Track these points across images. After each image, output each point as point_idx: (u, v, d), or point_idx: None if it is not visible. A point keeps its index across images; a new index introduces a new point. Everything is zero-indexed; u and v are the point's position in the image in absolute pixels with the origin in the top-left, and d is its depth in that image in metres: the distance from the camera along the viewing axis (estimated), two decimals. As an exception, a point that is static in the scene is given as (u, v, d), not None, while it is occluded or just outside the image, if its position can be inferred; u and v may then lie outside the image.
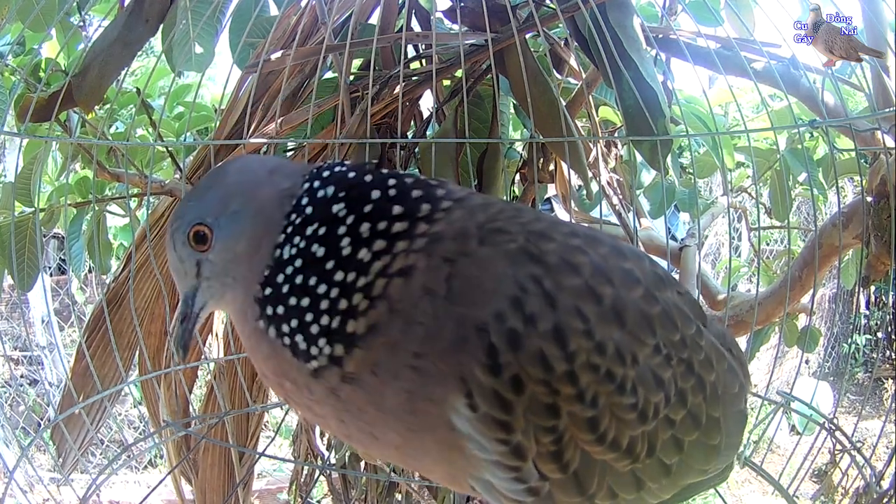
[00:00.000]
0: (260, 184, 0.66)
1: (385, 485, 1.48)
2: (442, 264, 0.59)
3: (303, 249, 0.62)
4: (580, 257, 0.62)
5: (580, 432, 0.60)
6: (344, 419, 0.64)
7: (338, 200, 0.62)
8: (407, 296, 0.59)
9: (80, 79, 1.18)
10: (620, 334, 0.61)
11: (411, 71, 1.36)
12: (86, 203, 1.63)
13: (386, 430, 0.62)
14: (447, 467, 0.64)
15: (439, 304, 0.58)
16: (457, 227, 0.62)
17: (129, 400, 3.62)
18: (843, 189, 3.02)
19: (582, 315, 0.59)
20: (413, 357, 0.58)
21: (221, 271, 0.66)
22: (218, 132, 1.40)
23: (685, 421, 0.66)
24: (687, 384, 0.66)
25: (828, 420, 1.09)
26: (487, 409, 0.58)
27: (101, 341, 1.44)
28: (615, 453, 0.62)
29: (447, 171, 1.30)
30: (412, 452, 0.65)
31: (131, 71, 1.75)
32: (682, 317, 0.67)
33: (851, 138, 1.23)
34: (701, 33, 1.31)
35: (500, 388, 0.57)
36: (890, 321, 5.03)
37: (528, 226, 0.63)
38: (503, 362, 0.57)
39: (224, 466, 1.51)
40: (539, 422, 0.59)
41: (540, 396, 0.58)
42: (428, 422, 0.60)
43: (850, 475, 1.13)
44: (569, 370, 0.58)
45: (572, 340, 0.58)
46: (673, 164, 1.87)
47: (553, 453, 0.60)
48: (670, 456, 0.67)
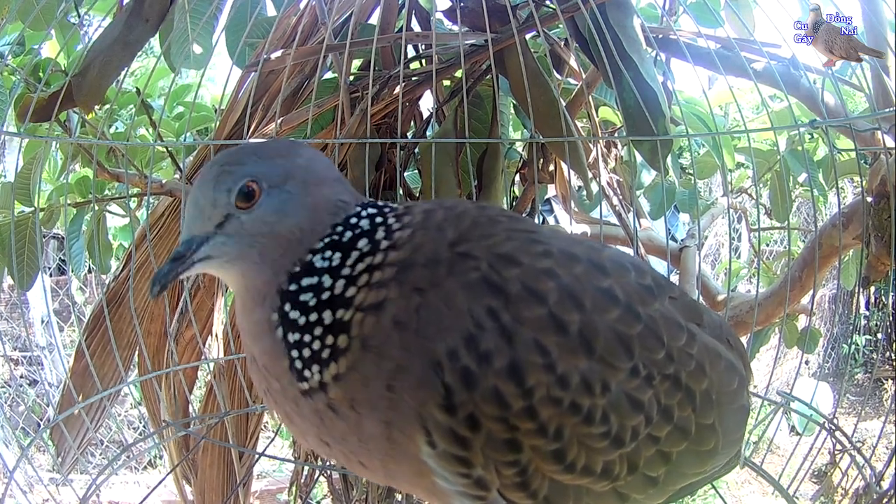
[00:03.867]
0: (325, 182, 0.65)
1: (385, 486, 1.48)
2: (412, 295, 0.59)
3: (327, 269, 0.61)
4: (546, 283, 0.60)
5: (545, 464, 0.59)
6: (328, 442, 0.64)
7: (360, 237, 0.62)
8: (378, 331, 0.59)
9: (80, 79, 1.18)
10: (588, 363, 0.59)
11: (411, 71, 1.36)
12: (86, 203, 1.63)
13: (370, 456, 0.62)
14: (423, 491, 0.65)
15: (409, 337, 0.58)
16: (427, 250, 0.61)
17: (129, 400, 3.62)
18: (843, 189, 3.02)
19: (541, 348, 0.58)
20: (386, 389, 0.58)
21: (248, 238, 0.62)
22: (218, 132, 1.40)
23: (671, 435, 0.65)
24: (672, 400, 0.64)
25: (828, 420, 1.09)
26: (445, 447, 0.58)
27: (101, 341, 1.44)
28: (590, 478, 0.62)
29: (447, 171, 1.30)
30: (393, 475, 0.65)
31: (131, 71, 1.75)
32: (671, 328, 0.65)
33: (851, 138, 1.23)
34: (701, 34, 1.31)
35: (456, 427, 0.57)
36: (890, 322, 5.03)
37: (495, 248, 0.62)
38: (457, 402, 0.56)
39: (223, 466, 1.51)
40: (499, 457, 0.58)
41: (497, 433, 0.57)
42: (402, 450, 0.60)
43: (850, 475, 1.13)
44: (527, 406, 0.57)
45: (530, 376, 0.57)
46: (673, 164, 1.87)
47: (518, 483, 0.60)
48: (656, 469, 0.66)
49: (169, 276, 0.62)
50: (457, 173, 1.32)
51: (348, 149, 1.29)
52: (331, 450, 0.65)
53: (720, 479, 0.82)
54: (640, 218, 1.86)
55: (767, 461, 1.16)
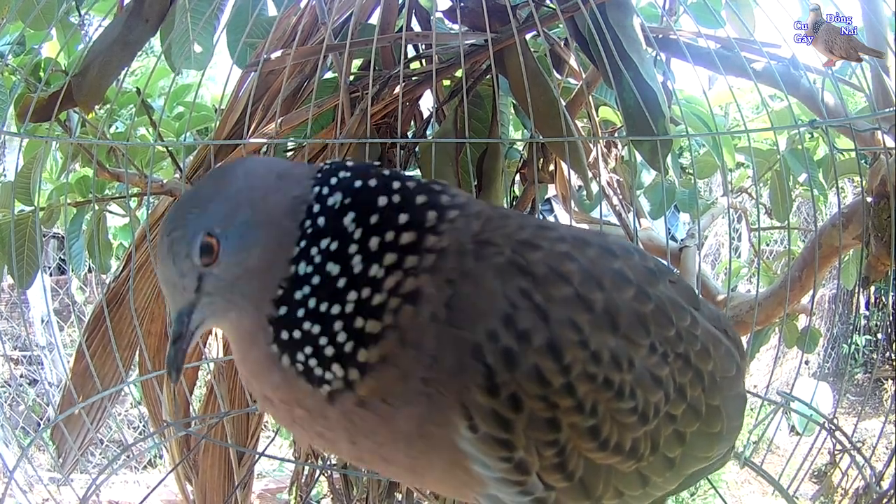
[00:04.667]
0: (269, 190, 0.61)
1: (385, 485, 1.48)
2: (445, 287, 0.58)
3: (319, 266, 0.58)
4: (568, 265, 0.61)
5: (582, 442, 0.60)
6: (356, 441, 0.62)
7: (346, 209, 0.59)
8: (416, 325, 0.58)
9: (80, 79, 1.18)
10: (615, 340, 0.60)
11: (411, 71, 1.36)
12: (86, 202, 1.63)
13: (396, 451, 0.61)
14: (454, 484, 0.64)
15: (443, 330, 0.58)
16: (457, 240, 0.60)
17: (129, 400, 3.62)
18: (842, 189, 3.02)
19: (575, 325, 0.58)
20: (422, 383, 0.58)
21: (227, 287, 0.60)
22: (218, 132, 1.40)
23: (686, 414, 0.67)
24: (685, 378, 0.66)
25: (828, 420, 1.09)
26: (488, 430, 0.57)
27: (101, 341, 1.44)
28: (619, 456, 0.62)
29: (447, 171, 1.30)
30: (420, 471, 0.64)
31: (131, 71, 1.75)
32: (677, 309, 0.67)
33: (851, 138, 1.23)
34: (701, 33, 1.31)
35: (499, 408, 0.57)
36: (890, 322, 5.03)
37: (514, 235, 0.62)
38: (500, 382, 0.56)
39: (224, 466, 1.51)
40: (540, 437, 0.58)
41: (539, 412, 0.58)
42: (435, 443, 0.60)
43: (850, 475, 1.13)
44: (566, 383, 0.58)
45: (567, 353, 0.58)
46: (673, 164, 1.87)
47: (557, 464, 0.60)
48: (673, 450, 0.67)
49: (178, 357, 0.62)
50: (457, 173, 1.32)
51: (348, 149, 1.28)
52: (359, 450, 0.63)
53: (720, 479, 0.83)
54: (640, 218, 1.87)
55: (767, 461, 1.16)
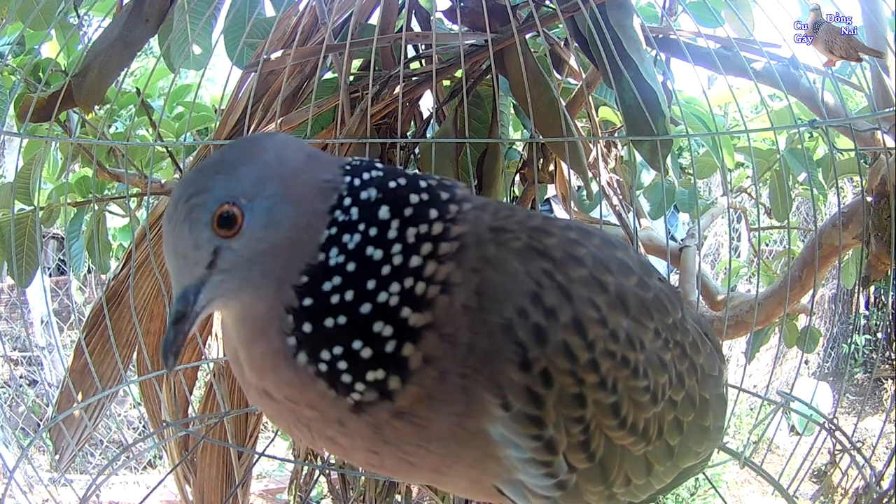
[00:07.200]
0: (300, 168, 0.58)
1: (384, 484, 1.48)
2: (471, 276, 0.58)
3: (354, 253, 0.55)
4: (580, 249, 0.63)
5: (604, 419, 0.61)
6: (378, 450, 0.60)
7: (380, 203, 0.57)
8: (451, 318, 0.57)
9: (80, 79, 1.18)
10: (627, 321, 0.62)
11: (411, 71, 1.36)
12: (86, 202, 1.63)
13: (425, 454, 0.60)
14: (476, 475, 0.63)
15: (475, 317, 0.57)
16: (474, 230, 0.61)
17: (129, 400, 3.62)
18: (842, 189, 3.02)
19: (595, 304, 0.60)
20: (459, 378, 0.57)
21: (246, 265, 0.55)
22: (218, 132, 1.40)
23: (685, 401, 0.69)
24: (683, 366, 0.68)
25: (828, 420, 1.09)
26: (521, 407, 0.58)
27: (101, 339, 1.44)
28: (633, 437, 0.64)
29: (447, 171, 1.30)
30: (444, 469, 0.62)
31: (131, 71, 1.75)
32: (670, 301, 0.69)
33: (851, 138, 1.23)
34: (701, 33, 1.31)
35: (532, 384, 0.57)
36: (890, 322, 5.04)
37: (526, 223, 0.64)
38: (532, 357, 0.57)
39: (223, 466, 1.51)
40: (568, 413, 0.59)
41: (568, 387, 0.59)
42: (465, 436, 0.59)
43: (849, 475, 1.13)
44: (591, 358, 0.59)
45: (590, 329, 0.59)
46: (673, 164, 1.87)
47: (582, 443, 0.61)
48: (674, 437, 0.69)
49: (177, 340, 0.56)
50: (457, 173, 1.32)
51: (348, 149, 1.28)
52: (380, 459, 0.61)
53: (720, 479, 0.83)
54: (640, 218, 1.87)
55: (767, 461, 1.16)
